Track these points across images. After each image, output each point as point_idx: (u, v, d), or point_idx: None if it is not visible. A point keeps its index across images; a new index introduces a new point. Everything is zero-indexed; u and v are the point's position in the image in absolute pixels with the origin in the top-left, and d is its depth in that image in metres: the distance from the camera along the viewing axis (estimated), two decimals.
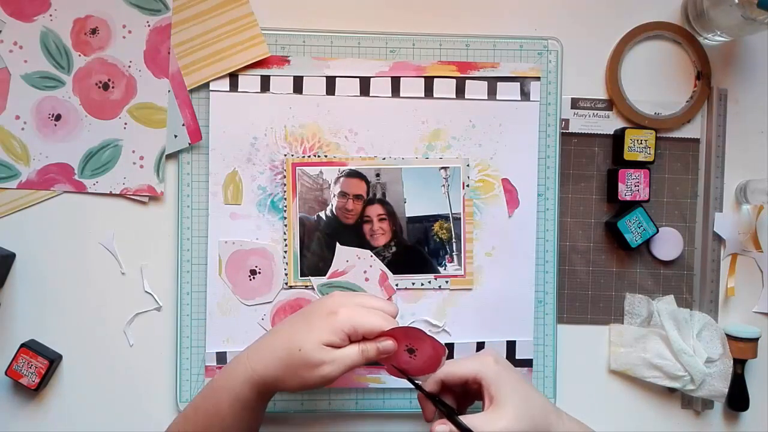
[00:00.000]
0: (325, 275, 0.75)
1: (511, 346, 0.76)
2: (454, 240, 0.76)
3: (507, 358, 0.76)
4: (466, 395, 0.67)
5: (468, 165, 0.76)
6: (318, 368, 0.59)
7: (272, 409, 0.75)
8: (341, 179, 0.75)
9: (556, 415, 0.63)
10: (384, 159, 0.75)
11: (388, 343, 0.62)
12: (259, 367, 0.60)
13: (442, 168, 0.75)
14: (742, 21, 0.71)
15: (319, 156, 0.75)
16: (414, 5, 0.77)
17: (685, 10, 0.78)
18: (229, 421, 0.61)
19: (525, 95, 0.76)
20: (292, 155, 0.75)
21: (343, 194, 0.75)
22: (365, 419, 0.77)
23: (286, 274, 0.75)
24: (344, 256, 0.75)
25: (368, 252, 0.75)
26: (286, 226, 0.75)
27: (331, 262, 0.75)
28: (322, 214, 0.75)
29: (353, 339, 0.61)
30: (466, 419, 0.59)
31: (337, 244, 0.75)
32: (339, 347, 0.60)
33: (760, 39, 0.79)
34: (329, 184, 0.75)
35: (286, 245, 0.75)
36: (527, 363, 0.76)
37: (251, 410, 0.62)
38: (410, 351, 0.63)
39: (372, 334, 0.61)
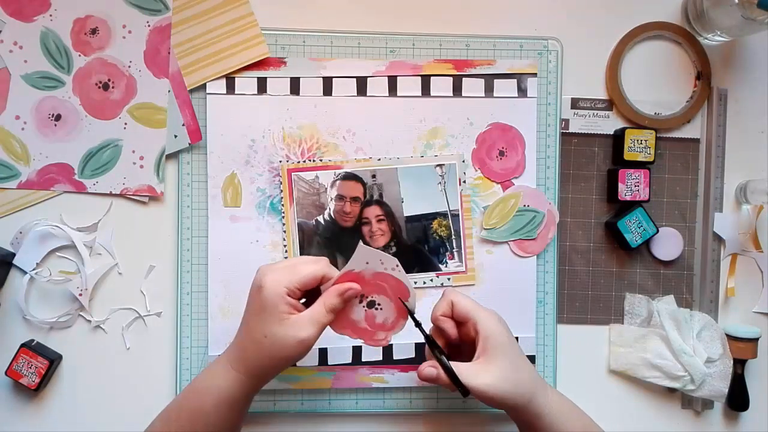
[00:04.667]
0: None
1: None
2: (453, 237, 0.75)
3: None
4: (458, 349, 0.67)
5: (464, 161, 0.75)
6: (292, 339, 0.59)
7: (272, 409, 0.75)
8: (337, 182, 0.75)
9: (542, 386, 0.65)
10: (379, 159, 0.75)
11: (345, 286, 0.60)
12: (241, 367, 0.61)
13: (438, 165, 0.75)
14: (742, 21, 0.71)
15: (318, 157, 0.75)
16: (414, 5, 0.77)
17: (685, 10, 0.78)
18: (213, 420, 0.62)
19: (522, 92, 0.76)
20: (288, 161, 0.74)
21: (340, 197, 0.75)
22: (365, 419, 0.77)
23: None
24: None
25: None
26: (285, 231, 0.74)
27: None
28: (320, 219, 0.74)
29: (297, 297, 0.60)
30: (453, 365, 0.61)
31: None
32: (298, 309, 0.60)
33: (760, 39, 0.79)
34: (326, 188, 0.74)
35: (285, 251, 0.74)
36: (530, 360, 0.76)
37: (237, 410, 0.63)
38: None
39: (310, 283, 0.60)
